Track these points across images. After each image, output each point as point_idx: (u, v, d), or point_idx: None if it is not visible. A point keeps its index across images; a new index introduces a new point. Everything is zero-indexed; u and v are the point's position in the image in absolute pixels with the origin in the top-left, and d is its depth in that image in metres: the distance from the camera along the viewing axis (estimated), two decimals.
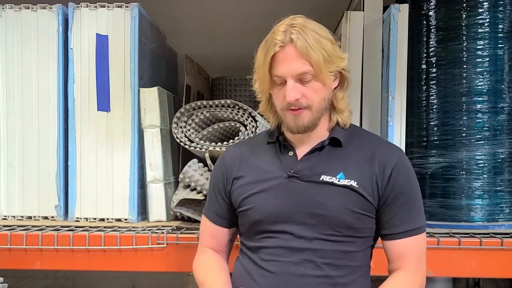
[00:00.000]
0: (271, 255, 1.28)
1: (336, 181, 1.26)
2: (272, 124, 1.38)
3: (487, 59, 1.85)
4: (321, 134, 1.32)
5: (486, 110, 1.85)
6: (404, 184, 1.29)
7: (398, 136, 1.82)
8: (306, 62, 1.22)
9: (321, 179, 1.27)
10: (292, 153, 1.32)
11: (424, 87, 1.94)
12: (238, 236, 1.44)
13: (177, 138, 1.90)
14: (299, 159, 1.30)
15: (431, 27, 1.93)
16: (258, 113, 1.41)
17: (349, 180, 1.26)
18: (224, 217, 1.39)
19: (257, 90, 1.35)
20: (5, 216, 1.97)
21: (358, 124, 1.87)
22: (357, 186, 1.26)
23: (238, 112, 1.87)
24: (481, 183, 1.85)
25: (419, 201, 1.32)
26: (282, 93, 1.25)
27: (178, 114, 1.89)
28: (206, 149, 1.86)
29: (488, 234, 1.73)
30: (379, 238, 1.34)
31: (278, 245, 1.27)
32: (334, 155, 1.30)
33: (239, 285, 1.32)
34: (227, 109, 1.88)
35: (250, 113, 1.86)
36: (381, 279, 1.29)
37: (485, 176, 1.85)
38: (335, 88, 1.30)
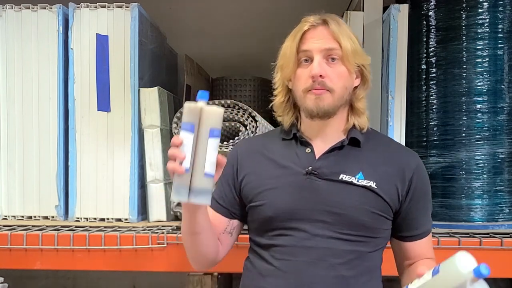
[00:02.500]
0: (284, 254, 1.26)
1: (355, 181, 1.26)
2: (287, 122, 1.35)
3: (487, 59, 1.85)
4: (338, 133, 1.31)
5: (486, 110, 1.85)
6: (423, 187, 1.32)
7: (398, 136, 1.82)
8: (336, 42, 1.24)
9: (340, 178, 1.26)
10: (310, 150, 1.30)
11: (424, 87, 1.95)
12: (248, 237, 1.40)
13: None
14: (317, 156, 1.29)
15: (431, 27, 1.93)
16: (271, 109, 1.39)
17: (368, 181, 1.26)
18: (226, 207, 1.36)
19: (276, 82, 1.34)
20: (5, 216, 1.97)
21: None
22: (375, 187, 1.26)
23: (238, 112, 1.88)
24: (481, 183, 1.85)
25: (431, 201, 1.37)
26: (306, 72, 1.25)
27: (178, 114, 1.90)
28: None
29: (488, 234, 1.74)
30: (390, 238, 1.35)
31: (292, 243, 1.25)
32: (353, 155, 1.30)
33: (249, 285, 1.31)
34: (227, 109, 1.88)
35: (250, 113, 1.86)
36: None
37: (485, 176, 1.85)
38: (355, 87, 1.31)
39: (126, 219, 1.92)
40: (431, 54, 1.93)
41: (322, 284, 1.23)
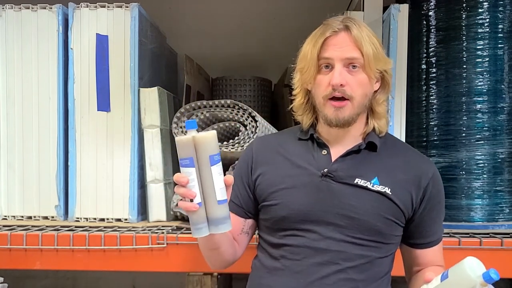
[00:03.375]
0: (295, 254, 1.25)
1: (370, 186, 1.25)
2: (305, 123, 1.34)
3: (487, 59, 1.85)
4: (356, 137, 1.31)
5: (486, 110, 1.85)
6: (438, 196, 1.31)
7: (398, 136, 1.81)
8: (358, 50, 1.23)
9: (355, 182, 1.25)
10: (326, 152, 1.29)
11: (424, 87, 1.94)
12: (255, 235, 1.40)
13: None
14: (333, 159, 1.28)
15: (431, 27, 1.93)
16: (292, 110, 1.37)
17: (383, 187, 1.25)
18: (241, 206, 1.35)
19: (296, 83, 1.33)
20: (5, 216, 1.97)
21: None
22: (390, 193, 1.25)
23: (238, 112, 1.88)
24: (481, 183, 1.85)
25: (444, 210, 1.37)
26: (327, 79, 1.24)
27: (178, 114, 1.89)
28: None
29: (488, 234, 1.74)
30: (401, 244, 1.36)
31: (304, 244, 1.25)
32: (369, 159, 1.29)
33: (257, 284, 1.30)
34: (227, 109, 1.88)
35: (250, 113, 1.86)
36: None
37: (485, 176, 1.85)
38: (375, 91, 1.30)
39: (126, 219, 1.92)
40: (431, 54, 1.93)
41: (331, 286, 1.23)
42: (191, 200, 1.09)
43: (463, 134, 1.86)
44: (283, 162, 1.31)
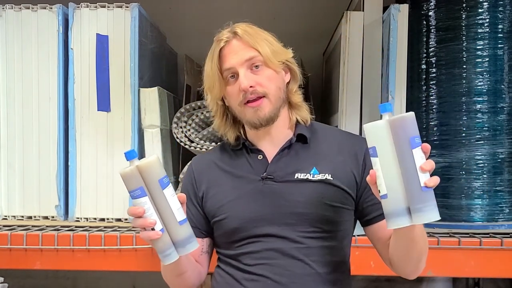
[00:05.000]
0: (257, 259, 1.26)
1: (311, 177, 1.26)
2: (231, 137, 1.35)
3: (487, 59, 1.85)
4: (284, 133, 1.32)
5: (486, 110, 1.85)
6: None
7: None
8: (253, 50, 1.25)
9: (296, 177, 1.27)
10: (262, 156, 1.31)
11: (424, 87, 1.95)
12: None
13: (177, 138, 1.90)
14: (269, 161, 1.30)
15: (431, 27, 1.93)
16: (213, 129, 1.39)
17: (324, 174, 1.27)
18: (196, 226, 1.33)
19: (210, 104, 1.34)
20: (5, 216, 1.97)
21: (358, 125, 1.87)
22: (332, 179, 1.26)
23: None
24: (481, 183, 1.85)
25: None
26: (236, 87, 1.25)
27: (178, 114, 1.90)
28: (206, 149, 1.86)
29: (487, 234, 1.74)
30: (363, 228, 1.34)
31: (263, 248, 1.26)
32: (303, 151, 1.30)
33: None
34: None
35: None
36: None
37: (484, 176, 1.85)
38: (287, 83, 1.32)
39: (126, 219, 1.92)
40: (431, 54, 1.93)
41: (299, 283, 1.23)
42: (152, 229, 1.08)
43: (463, 134, 1.86)
44: (223, 176, 1.33)
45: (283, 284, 1.23)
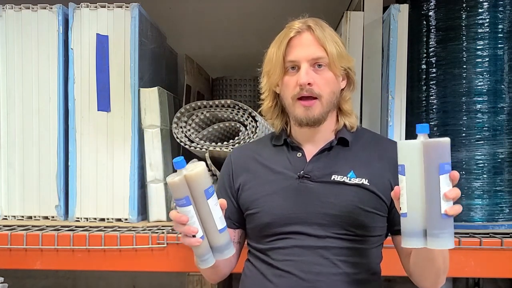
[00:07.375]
0: (285, 255, 1.27)
1: (347, 180, 1.27)
2: (277, 127, 1.37)
3: (487, 59, 1.84)
4: (328, 135, 1.33)
5: (486, 110, 1.85)
6: None
7: (398, 136, 1.82)
8: (322, 49, 1.25)
9: (332, 179, 1.27)
10: (301, 154, 1.32)
11: (424, 87, 1.94)
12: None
13: (177, 138, 1.90)
14: (308, 160, 1.30)
15: (431, 27, 1.93)
16: (260, 113, 1.41)
17: (360, 179, 1.27)
18: (229, 217, 1.36)
19: (263, 87, 1.35)
20: (5, 216, 1.97)
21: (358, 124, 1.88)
22: (368, 184, 1.26)
23: (238, 112, 1.88)
24: (481, 183, 1.85)
25: None
26: (294, 80, 1.26)
27: (178, 114, 1.90)
28: (206, 149, 1.86)
29: (488, 234, 1.73)
30: (390, 236, 1.34)
31: (292, 244, 1.26)
32: (343, 154, 1.31)
33: (253, 286, 1.31)
34: (227, 109, 1.89)
35: (250, 113, 1.86)
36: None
37: (484, 176, 1.85)
38: (342, 89, 1.32)
39: (126, 219, 1.92)
40: (431, 54, 1.92)
41: (327, 282, 1.24)
42: (193, 236, 1.11)
43: (463, 134, 1.86)
44: (261, 170, 1.34)
45: (309, 281, 1.24)
